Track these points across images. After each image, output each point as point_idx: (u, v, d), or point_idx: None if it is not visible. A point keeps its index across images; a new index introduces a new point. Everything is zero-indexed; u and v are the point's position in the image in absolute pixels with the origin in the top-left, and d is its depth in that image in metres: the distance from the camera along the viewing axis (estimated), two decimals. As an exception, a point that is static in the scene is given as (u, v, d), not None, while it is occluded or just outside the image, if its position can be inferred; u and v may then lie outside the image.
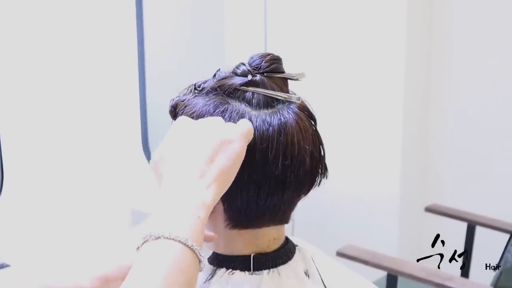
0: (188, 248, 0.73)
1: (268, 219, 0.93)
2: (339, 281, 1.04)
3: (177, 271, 0.71)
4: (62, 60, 2.07)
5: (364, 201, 2.89)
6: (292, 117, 0.90)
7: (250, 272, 0.93)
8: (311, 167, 0.92)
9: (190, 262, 0.73)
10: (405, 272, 1.88)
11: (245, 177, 0.87)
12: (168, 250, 0.72)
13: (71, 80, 2.10)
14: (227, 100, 0.90)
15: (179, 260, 0.72)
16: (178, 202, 0.77)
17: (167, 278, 0.70)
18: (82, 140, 2.08)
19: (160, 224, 0.74)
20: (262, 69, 0.93)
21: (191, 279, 0.73)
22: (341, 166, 2.94)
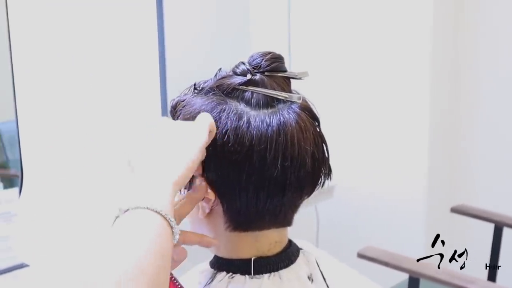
0: (160, 216, 0.72)
1: (269, 222, 0.91)
2: (345, 286, 1.01)
3: (154, 241, 0.70)
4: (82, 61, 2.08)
5: (390, 202, 2.85)
6: (292, 117, 0.88)
7: (250, 276, 0.91)
8: (312, 168, 0.89)
9: (163, 230, 0.72)
10: (426, 275, 1.84)
11: (243, 179, 0.86)
12: (142, 220, 0.72)
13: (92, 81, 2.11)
14: (225, 100, 0.88)
15: (153, 229, 0.71)
16: (149, 180, 0.77)
17: (146, 250, 0.69)
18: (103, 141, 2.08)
19: (133, 197, 0.74)
20: (262, 68, 0.91)
21: (163, 244, 0.71)
22: (367, 166, 2.92)
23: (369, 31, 2.84)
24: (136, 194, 0.74)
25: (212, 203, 0.89)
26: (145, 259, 0.67)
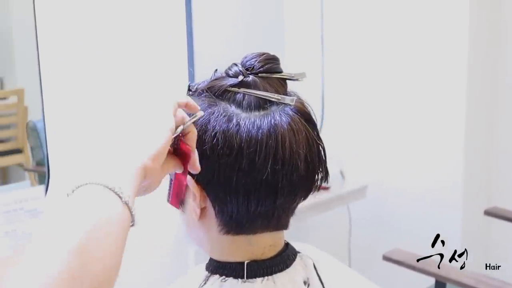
0: (112, 192, 0.69)
1: (262, 225, 0.90)
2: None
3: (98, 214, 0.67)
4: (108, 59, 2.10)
5: (424, 203, 2.80)
6: (284, 120, 0.86)
7: (243, 279, 0.90)
8: (306, 171, 0.88)
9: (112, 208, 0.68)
10: (452, 279, 1.79)
11: (233, 182, 0.85)
12: (92, 194, 0.69)
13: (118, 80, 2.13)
14: (216, 102, 0.88)
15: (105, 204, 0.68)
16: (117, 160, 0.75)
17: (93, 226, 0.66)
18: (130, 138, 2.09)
19: (95, 173, 0.71)
20: (255, 69, 0.90)
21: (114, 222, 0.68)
22: (401, 166, 2.87)
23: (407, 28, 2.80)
24: (99, 170, 0.72)
25: (199, 201, 0.88)
26: (92, 234, 0.65)
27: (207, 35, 2.38)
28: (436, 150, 2.78)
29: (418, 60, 2.79)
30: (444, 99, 2.75)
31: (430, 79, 2.77)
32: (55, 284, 0.60)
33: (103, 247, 0.65)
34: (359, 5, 2.90)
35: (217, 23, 2.52)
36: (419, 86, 2.80)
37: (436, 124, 2.78)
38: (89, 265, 0.63)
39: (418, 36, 2.77)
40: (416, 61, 2.79)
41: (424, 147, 2.81)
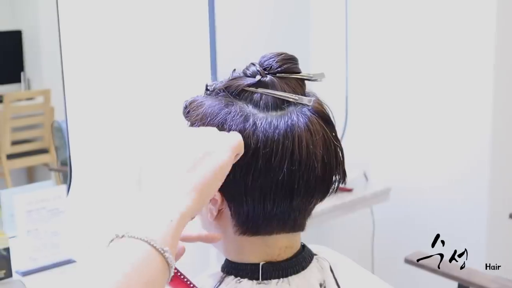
0: (152, 247, 0.70)
1: (277, 227, 0.89)
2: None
3: (137, 269, 0.68)
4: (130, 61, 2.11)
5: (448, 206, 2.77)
6: (301, 120, 0.85)
7: (258, 281, 0.90)
8: (323, 173, 0.87)
9: (153, 262, 0.69)
10: (476, 283, 1.77)
11: (249, 182, 0.84)
12: (131, 248, 0.70)
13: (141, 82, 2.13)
14: (233, 102, 0.87)
15: (141, 258, 0.69)
16: (152, 206, 0.75)
17: (125, 276, 0.67)
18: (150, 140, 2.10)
19: (130, 224, 0.72)
20: (273, 69, 0.89)
21: (153, 279, 0.69)
22: (425, 169, 2.84)
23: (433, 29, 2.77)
24: (135, 220, 0.73)
25: (219, 205, 0.88)
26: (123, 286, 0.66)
27: (230, 36, 2.38)
28: (461, 153, 2.75)
29: (443, 60, 2.75)
30: (470, 100, 2.71)
31: (455, 80, 2.73)
32: None
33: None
34: (385, 4, 2.88)
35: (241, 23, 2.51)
36: (444, 87, 2.77)
37: (462, 126, 2.74)
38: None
39: (444, 38, 2.74)
40: (441, 61, 2.76)
41: (449, 149, 2.78)
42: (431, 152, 2.82)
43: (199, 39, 2.25)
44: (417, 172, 2.84)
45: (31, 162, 3.05)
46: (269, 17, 2.68)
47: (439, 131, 2.80)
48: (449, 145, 2.78)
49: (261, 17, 2.65)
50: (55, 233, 1.86)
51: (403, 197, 2.79)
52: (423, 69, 2.81)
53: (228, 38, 2.34)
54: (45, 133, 2.96)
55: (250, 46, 2.47)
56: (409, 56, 2.84)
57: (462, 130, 2.74)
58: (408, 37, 2.83)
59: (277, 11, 2.72)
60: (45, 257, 1.84)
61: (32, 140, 3.06)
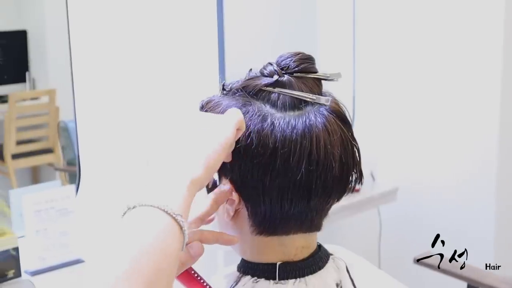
0: (165, 213, 0.69)
1: (295, 227, 0.89)
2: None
3: (153, 236, 0.67)
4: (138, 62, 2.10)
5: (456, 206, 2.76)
6: (319, 120, 0.85)
7: (275, 281, 0.89)
8: (340, 172, 0.87)
9: (167, 227, 0.69)
10: (486, 284, 1.76)
11: (267, 182, 0.84)
12: (143, 217, 0.69)
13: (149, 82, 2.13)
14: (250, 102, 0.87)
15: (155, 225, 0.68)
16: (162, 178, 0.75)
17: (141, 244, 0.66)
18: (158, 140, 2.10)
19: (141, 195, 0.72)
20: (290, 69, 0.89)
21: (168, 245, 0.68)
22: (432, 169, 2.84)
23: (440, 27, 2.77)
24: (147, 192, 0.72)
25: (236, 205, 0.88)
26: (142, 258, 0.65)
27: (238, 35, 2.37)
28: (469, 153, 2.75)
29: (451, 60, 2.75)
30: (478, 100, 2.71)
31: (462, 80, 2.73)
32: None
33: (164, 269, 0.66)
34: (392, 3, 2.87)
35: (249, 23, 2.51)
36: (452, 87, 2.76)
37: (469, 126, 2.74)
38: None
39: (452, 37, 2.74)
40: (449, 61, 2.76)
41: (456, 149, 2.77)
42: (438, 152, 2.81)
43: (207, 39, 2.25)
44: (424, 172, 2.84)
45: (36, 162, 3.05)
46: (276, 17, 2.68)
47: (447, 131, 2.79)
48: (457, 144, 2.77)
49: (269, 17, 2.65)
50: (64, 233, 1.86)
51: (410, 197, 2.78)
52: (430, 69, 2.81)
53: (236, 38, 2.34)
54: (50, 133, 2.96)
55: (258, 46, 2.47)
56: (417, 55, 2.83)
57: (470, 130, 2.74)
58: (416, 36, 2.83)
59: (284, 10, 2.72)
60: (54, 257, 1.84)
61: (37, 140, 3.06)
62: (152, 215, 0.69)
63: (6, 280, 1.75)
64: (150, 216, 0.69)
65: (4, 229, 1.80)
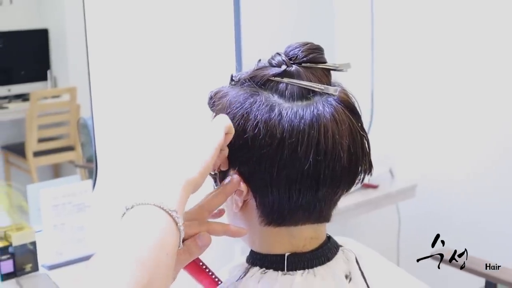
0: (160, 209, 0.72)
1: (303, 217, 0.89)
2: (388, 286, 0.97)
3: (147, 232, 0.70)
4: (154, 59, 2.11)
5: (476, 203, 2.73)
6: (327, 110, 0.85)
7: (283, 272, 0.89)
8: (349, 163, 0.86)
9: (162, 223, 0.72)
10: (504, 280, 1.74)
11: (274, 173, 0.84)
12: (140, 214, 0.72)
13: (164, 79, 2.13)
14: (258, 92, 0.87)
15: (150, 221, 0.71)
16: (160, 180, 0.78)
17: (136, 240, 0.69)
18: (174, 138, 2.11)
19: (138, 195, 0.75)
20: (299, 59, 0.88)
21: (163, 239, 0.70)
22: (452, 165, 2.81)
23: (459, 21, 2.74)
24: (144, 192, 0.75)
25: (244, 196, 0.88)
26: (144, 252, 0.67)
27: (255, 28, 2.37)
28: (487, 148, 2.72)
29: (469, 53, 2.72)
30: (496, 93, 2.67)
31: (482, 72, 2.69)
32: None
33: (163, 263, 0.69)
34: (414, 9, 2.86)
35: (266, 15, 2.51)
36: (472, 79, 2.73)
37: (488, 121, 2.71)
38: (153, 280, 0.67)
39: (470, 30, 2.70)
40: (467, 54, 2.72)
41: (475, 145, 2.74)
42: (457, 148, 2.79)
43: (224, 31, 2.25)
44: (443, 168, 2.81)
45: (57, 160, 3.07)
46: (294, 10, 2.67)
47: (465, 127, 2.77)
48: (475, 140, 2.74)
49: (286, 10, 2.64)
50: (81, 228, 1.87)
51: (429, 193, 2.76)
52: (449, 64, 2.78)
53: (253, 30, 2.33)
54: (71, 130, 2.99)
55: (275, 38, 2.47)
56: (436, 50, 2.81)
57: (489, 126, 2.70)
58: (435, 30, 2.80)
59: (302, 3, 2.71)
60: (71, 251, 1.86)
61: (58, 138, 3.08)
62: (149, 213, 0.72)
63: (24, 274, 1.77)
64: (147, 214, 0.72)
65: (22, 223, 1.82)
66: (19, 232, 1.77)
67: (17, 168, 3.05)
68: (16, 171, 3.06)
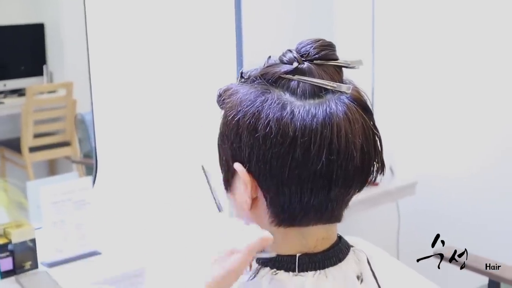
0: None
1: (315, 218, 0.87)
2: (399, 286, 0.96)
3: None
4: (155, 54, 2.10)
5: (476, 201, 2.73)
6: (340, 108, 0.83)
7: (294, 273, 0.88)
8: (361, 162, 0.85)
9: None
10: (508, 279, 1.74)
11: (286, 172, 0.82)
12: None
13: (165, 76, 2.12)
14: (269, 89, 0.85)
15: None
16: None
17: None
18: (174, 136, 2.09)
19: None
20: (310, 56, 0.87)
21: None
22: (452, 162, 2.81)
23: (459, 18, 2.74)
24: None
25: (250, 192, 0.86)
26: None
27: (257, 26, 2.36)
28: (488, 146, 2.71)
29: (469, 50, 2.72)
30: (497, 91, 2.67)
31: (483, 71, 2.69)
32: None
33: None
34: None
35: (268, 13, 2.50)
36: (472, 78, 2.73)
37: (489, 118, 2.70)
38: None
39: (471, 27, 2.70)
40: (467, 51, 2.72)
41: (476, 142, 2.74)
42: (457, 145, 2.79)
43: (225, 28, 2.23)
44: (443, 165, 2.81)
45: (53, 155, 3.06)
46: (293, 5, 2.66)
47: (466, 124, 2.76)
48: (476, 138, 2.74)
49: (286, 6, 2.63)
50: (80, 225, 1.86)
51: (429, 191, 2.76)
52: (449, 62, 2.78)
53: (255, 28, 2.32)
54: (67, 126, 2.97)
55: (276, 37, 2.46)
56: (436, 48, 2.80)
57: (489, 123, 2.70)
58: (436, 28, 2.80)
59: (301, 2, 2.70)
60: (70, 249, 1.84)
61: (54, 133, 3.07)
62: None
63: (23, 271, 1.76)
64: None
65: (21, 220, 1.80)
66: (19, 229, 1.75)
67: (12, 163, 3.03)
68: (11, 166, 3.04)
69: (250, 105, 0.85)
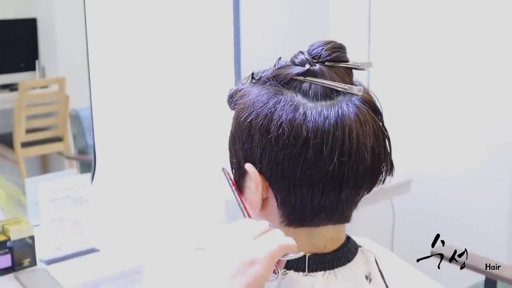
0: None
1: (325, 218, 0.88)
2: (406, 287, 0.97)
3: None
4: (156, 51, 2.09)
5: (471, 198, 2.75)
6: (351, 110, 0.83)
7: (304, 273, 0.89)
8: (372, 163, 0.85)
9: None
10: (504, 277, 1.75)
11: (298, 173, 0.83)
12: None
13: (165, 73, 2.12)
14: (282, 91, 0.85)
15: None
16: None
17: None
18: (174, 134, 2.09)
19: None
20: (322, 58, 0.87)
21: None
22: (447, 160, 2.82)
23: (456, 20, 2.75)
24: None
25: (261, 192, 0.86)
26: None
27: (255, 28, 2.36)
28: (483, 144, 2.73)
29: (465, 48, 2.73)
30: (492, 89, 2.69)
31: (478, 70, 2.71)
32: None
33: None
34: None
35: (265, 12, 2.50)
36: (467, 77, 2.74)
37: (484, 115, 2.72)
38: None
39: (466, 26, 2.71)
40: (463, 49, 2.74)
41: (470, 140, 2.75)
42: (452, 143, 2.80)
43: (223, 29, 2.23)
44: (438, 163, 2.82)
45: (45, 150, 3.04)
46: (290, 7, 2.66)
47: (460, 122, 2.78)
48: (470, 136, 2.76)
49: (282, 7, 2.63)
50: (79, 222, 1.85)
51: (424, 188, 2.77)
52: (444, 59, 2.79)
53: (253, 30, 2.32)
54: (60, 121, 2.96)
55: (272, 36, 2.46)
56: (431, 47, 2.82)
57: (484, 121, 2.72)
58: (431, 27, 2.81)
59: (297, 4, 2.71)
60: (69, 246, 1.84)
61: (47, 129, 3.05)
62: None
63: (22, 268, 1.75)
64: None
65: (20, 217, 1.80)
66: (17, 227, 1.75)
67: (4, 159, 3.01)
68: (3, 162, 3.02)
69: (262, 107, 0.85)
